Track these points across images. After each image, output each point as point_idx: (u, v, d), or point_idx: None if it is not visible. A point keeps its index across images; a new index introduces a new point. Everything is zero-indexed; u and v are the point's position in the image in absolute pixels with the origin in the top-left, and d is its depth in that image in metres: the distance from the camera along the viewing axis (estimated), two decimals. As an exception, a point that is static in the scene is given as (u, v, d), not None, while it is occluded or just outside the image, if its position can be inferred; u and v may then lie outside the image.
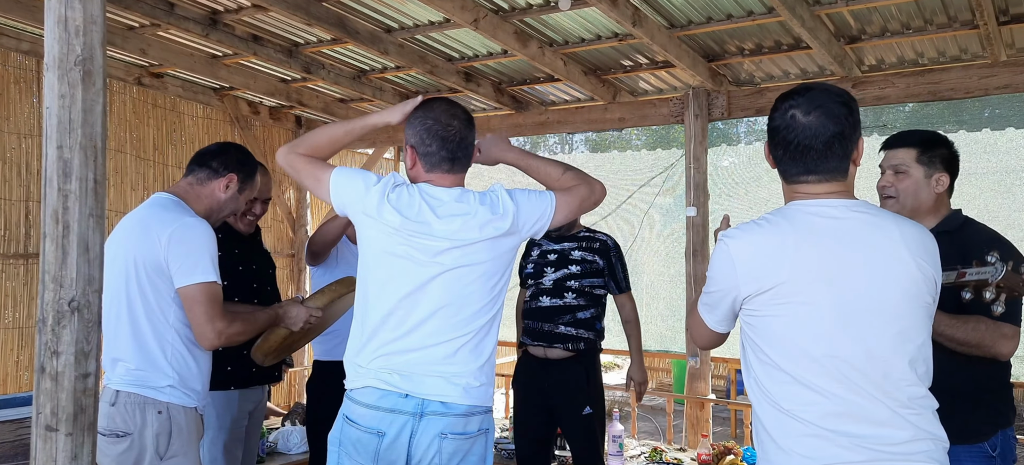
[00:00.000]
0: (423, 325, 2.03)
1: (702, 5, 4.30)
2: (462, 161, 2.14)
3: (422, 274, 2.03)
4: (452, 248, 2.03)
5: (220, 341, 2.26)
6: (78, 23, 1.94)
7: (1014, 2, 4.06)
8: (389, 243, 2.04)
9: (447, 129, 2.09)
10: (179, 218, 2.29)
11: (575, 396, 3.52)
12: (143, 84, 5.79)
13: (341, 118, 6.78)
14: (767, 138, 1.76)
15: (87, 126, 1.95)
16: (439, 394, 2.00)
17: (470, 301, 2.05)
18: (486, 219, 2.07)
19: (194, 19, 4.62)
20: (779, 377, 1.59)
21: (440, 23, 4.67)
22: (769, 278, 1.59)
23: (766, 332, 1.61)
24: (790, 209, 1.68)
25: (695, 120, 5.21)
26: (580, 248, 3.63)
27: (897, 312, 1.58)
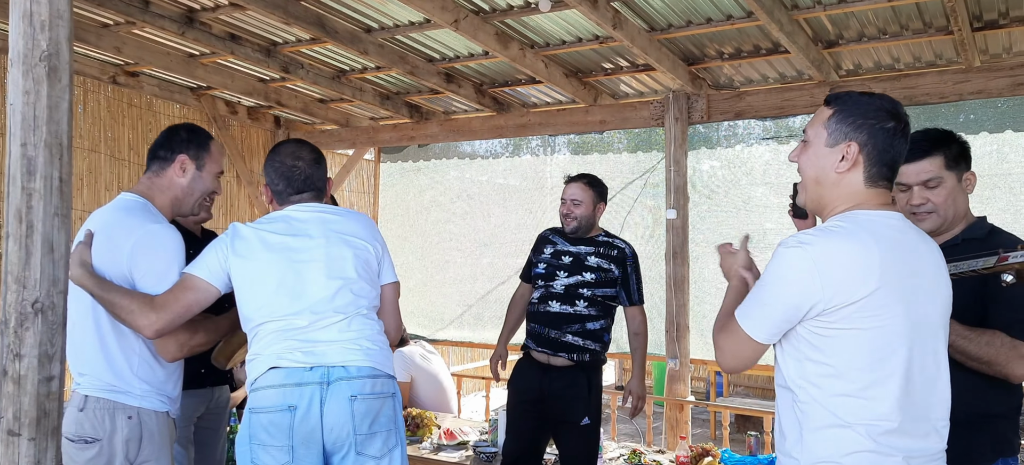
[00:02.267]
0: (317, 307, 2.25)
1: (682, 8, 4.31)
2: (311, 192, 2.41)
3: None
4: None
5: (183, 353, 2.22)
6: (44, 18, 1.89)
7: (987, 8, 4.11)
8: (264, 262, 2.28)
9: (292, 170, 2.38)
10: (142, 225, 2.20)
11: (575, 406, 3.39)
12: (118, 83, 5.71)
13: (320, 118, 6.73)
14: (856, 135, 1.61)
15: (52, 123, 1.91)
16: (342, 360, 2.15)
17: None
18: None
19: (170, 17, 4.56)
20: (843, 389, 1.53)
21: (420, 23, 4.65)
22: (855, 291, 1.51)
23: (838, 346, 1.54)
24: (859, 218, 1.59)
25: (675, 123, 5.23)
26: (597, 254, 3.49)
27: (943, 329, 1.63)
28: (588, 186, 3.56)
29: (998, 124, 4.90)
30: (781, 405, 1.68)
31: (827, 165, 1.64)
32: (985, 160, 5.02)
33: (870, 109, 1.62)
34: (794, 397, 1.61)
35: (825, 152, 1.65)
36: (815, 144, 1.67)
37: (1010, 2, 4.01)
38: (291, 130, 7.13)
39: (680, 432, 4.97)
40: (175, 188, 2.34)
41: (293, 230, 2.31)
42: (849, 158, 1.61)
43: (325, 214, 2.37)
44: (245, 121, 6.80)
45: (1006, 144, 4.88)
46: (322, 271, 2.24)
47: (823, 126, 1.66)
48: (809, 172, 1.69)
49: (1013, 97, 4.66)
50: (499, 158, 7.58)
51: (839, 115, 1.64)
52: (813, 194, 1.70)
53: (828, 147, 1.64)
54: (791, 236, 1.60)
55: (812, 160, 1.67)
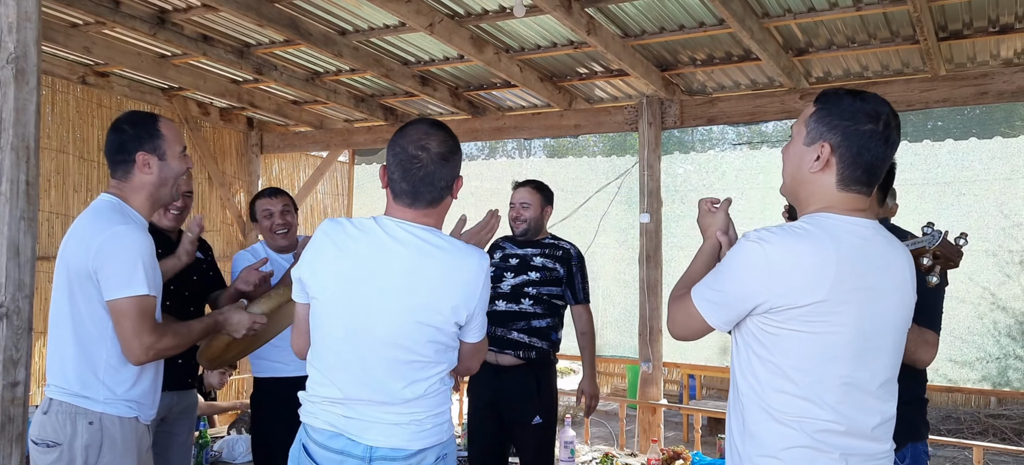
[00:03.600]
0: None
1: (655, 15, 4.36)
2: (425, 197, 1.86)
3: None
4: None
5: (148, 356, 2.15)
6: (11, 20, 1.88)
7: (952, 18, 4.20)
8: None
9: (412, 162, 1.84)
10: (110, 227, 2.13)
11: (525, 405, 3.47)
12: (87, 83, 5.63)
13: (294, 119, 6.69)
14: (830, 136, 1.60)
15: (20, 126, 1.89)
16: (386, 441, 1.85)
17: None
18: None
19: (141, 18, 4.51)
20: (785, 387, 1.55)
21: (395, 27, 4.64)
22: (807, 294, 1.51)
23: (784, 345, 1.55)
24: (826, 222, 1.58)
25: (649, 128, 5.27)
26: (543, 255, 3.58)
27: (900, 336, 1.63)
28: (536, 190, 3.66)
29: (963, 131, 5.01)
30: (730, 398, 1.71)
31: (802, 163, 1.64)
32: (950, 167, 5.13)
33: (850, 110, 1.60)
34: (739, 390, 1.64)
35: (803, 150, 1.65)
36: (796, 141, 1.68)
37: (973, 13, 4.11)
38: (264, 132, 7.08)
39: (652, 435, 5.01)
40: (147, 186, 2.26)
41: (375, 260, 1.83)
42: (822, 158, 1.60)
43: (421, 252, 1.83)
44: (217, 122, 6.73)
45: (970, 151, 5.00)
46: (384, 341, 1.83)
47: (804, 124, 1.66)
48: (788, 168, 1.70)
49: (978, 105, 4.77)
50: (475, 161, 7.59)
51: (819, 114, 1.64)
52: (790, 189, 1.71)
53: (805, 145, 1.64)
54: (754, 231, 1.60)
55: (791, 156, 1.69)
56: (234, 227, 6.95)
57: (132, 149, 2.22)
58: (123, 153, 2.23)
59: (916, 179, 5.14)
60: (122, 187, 2.26)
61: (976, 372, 4.94)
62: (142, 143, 2.23)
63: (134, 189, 2.25)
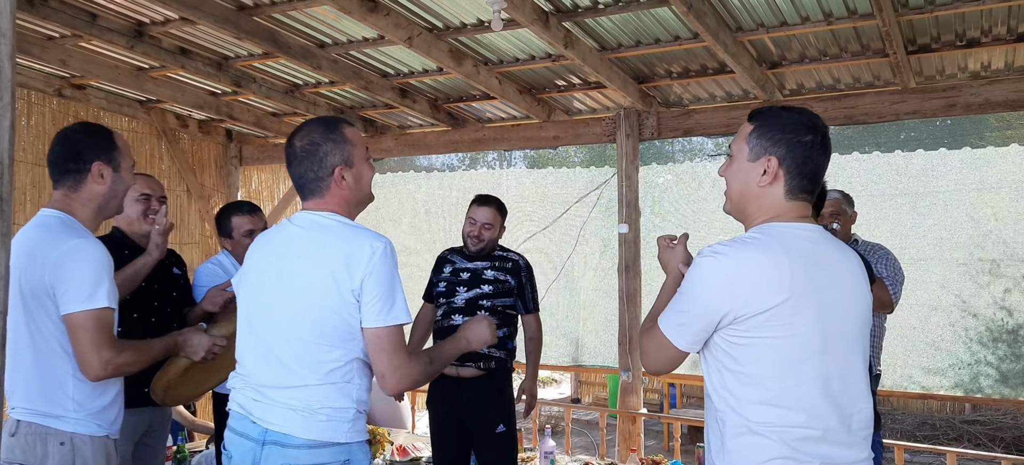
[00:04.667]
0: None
1: (632, 29, 4.41)
2: (307, 188, 2.01)
3: None
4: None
5: (107, 372, 2.08)
6: (-15, 36, 1.87)
7: (920, 33, 4.29)
8: None
9: (288, 157, 2.04)
10: (65, 241, 2.09)
11: (487, 414, 3.53)
12: (64, 96, 5.60)
13: (273, 132, 6.68)
14: (775, 150, 1.67)
15: (-6, 142, 1.89)
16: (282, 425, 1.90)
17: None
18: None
19: (118, 31, 4.49)
20: (757, 397, 1.58)
21: (374, 40, 4.66)
22: (767, 300, 1.55)
23: (751, 354, 1.58)
24: (773, 230, 1.64)
25: (627, 139, 5.33)
26: (493, 268, 3.65)
27: (862, 337, 1.68)
28: (498, 212, 3.75)
29: (934, 142, 5.11)
30: (706, 414, 1.74)
31: (750, 179, 1.70)
32: (921, 177, 5.23)
33: (788, 124, 1.68)
34: (714, 406, 1.67)
35: (747, 166, 1.70)
36: (738, 159, 1.73)
37: (941, 27, 4.20)
38: (243, 144, 7.06)
39: (632, 444, 5.04)
40: (97, 198, 2.22)
41: (279, 247, 2.03)
42: (770, 172, 1.67)
43: (318, 237, 1.95)
44: (196, 135, 6.70)
45: (941, 162, 5.10)
46: (275, 318, 1.97)
47: (745, 141, 1.72)
48: (734, 186, 1.75)
49: (947, 117, 4.87)
50: (456, 171, 7.61)
51: (759, 130, 1.70)
52: (737, 206, 1.76)
53: (750, 161, 1.70)
54: (707, 247, 1.65)
55: (736, 174, 1.74)
56: (213, 239, 6.91)
57: (89, 158, 2.19)
58: (77, 161, 2.18)
59: (888, 190, 5.23)
60: (69, 198, 2.19)
61: (948, 379, 5.03)
62: (99, 153, 2.20)
63: (83, 201, 2.20)
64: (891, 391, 5.22)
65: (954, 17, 4.05)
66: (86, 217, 2.21)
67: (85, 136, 2.22)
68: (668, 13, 4.14)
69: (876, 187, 5.28)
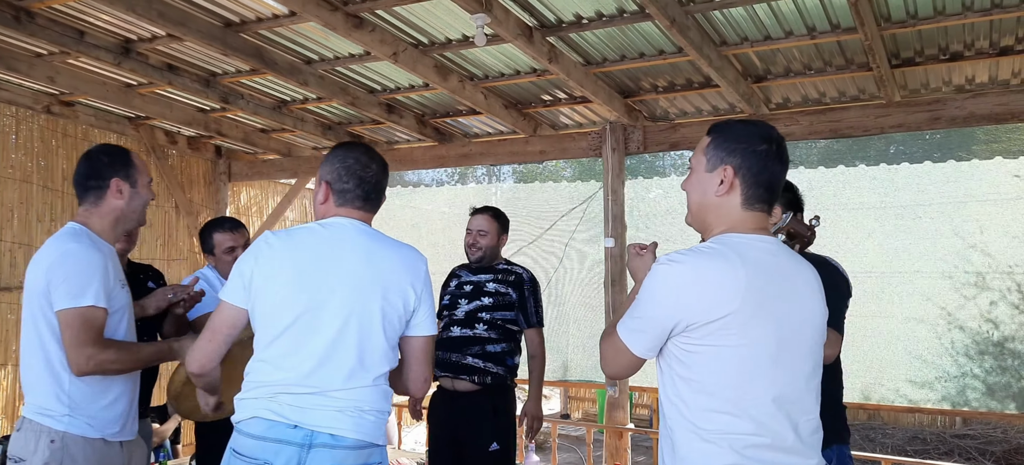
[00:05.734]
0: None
1: (616, 44, 4.44)
2: (372, 206, 2.16)
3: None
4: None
5: (90, 367, 2.20)
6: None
7: (904, 47, 4.32)
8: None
9: (365, 170, 2.12)
10: (64, 245, 2.25)
11: (481, 430, 3.47)
12: (52, 112, 5.59)
13: (262, 147, 6.68)
14: (730, 160, 1.69)
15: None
16: (330, 426, 1.93)
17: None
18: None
19: (105, 48, 4.50)
20: (708, 405, 1.59)
21: (360, 56, 4.68)
22: (718, 308, 1.57)
23: (703, 362, 1.60)
24: (730, 241, 1.66)
25: (612, 153, 5.35)
26: (495, 280, 3.61)
27: (813, 348, 1.69)
28: (493, 218, 3.70)
29: (920, 156, 5.15)
30: (660, 427, 1.76)
31: (708, 189, 1.72)
32: (907, 191, 5.25)
33: (743, 134, 1.71)
34: (666, 416, 1.68)
35: (705, 177, 1.73)
36: (697, 170, 1.76)
37: (924, 41, 4.23)
38: (232, 160, 7.06)
39: (619, 459, 5.02)
40: (115, 212, 2.38)
41: (330, 249, 2.02)
42: (726, 181, 1.69)
43: (378, 246, 2.06)
44: (185, 151, 6.71)
45: (925, 175, 5.12)
46: (337, 321, 1.96)
47: (703, 153, 1.75)
48: (693, 196, 1.78)
49: (931, 130, 4.90)
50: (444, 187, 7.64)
51: (715, 142, 1.73)
52: (697, 217, 1.79)
53: (707, 172, 1.73)
54: (664, 255, 1.68)
55: (695, 185, 1.77)
56: (201, 255, 6.89)
57: (107, 175, 2.35)
58: (97, 179, 2.36)
59: (874, 203, 5.25)
60: (89, 213, 2.36)
61: (936, 392, 5.03)
62: (116, 170, 2.37)
63: (102, 215, 2.36)
64: (879, 405, 5.22)
65: (937, 31, 4.08)
66: (103, 229, 2.38)
67: (104, 155, 2.41)
68: (652, 27, 4.17)
69: (861, 199, 5.30)
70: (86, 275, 2.20)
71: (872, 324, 5.08)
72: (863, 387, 5.02)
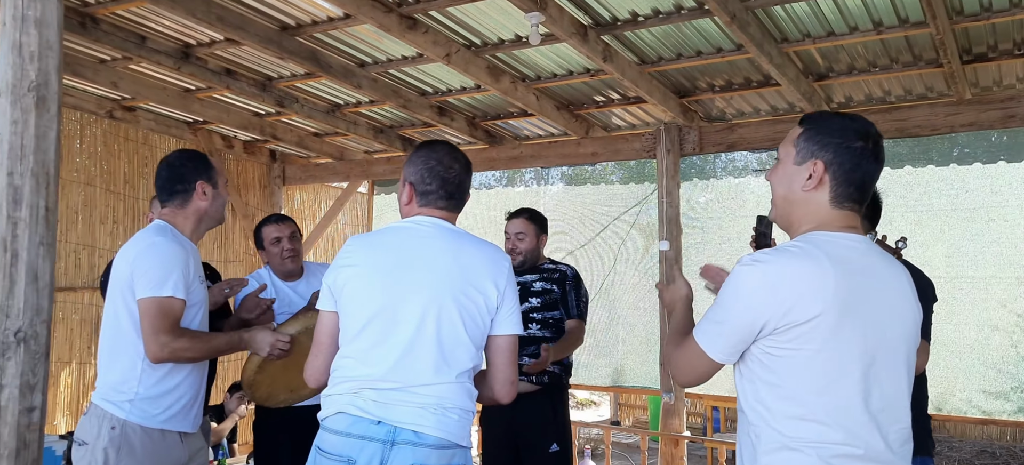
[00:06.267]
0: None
1: (672, 42, 4.35)
2: (455, 205, 2.15)
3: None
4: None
5: (164, 354, 2.26)
6: (33, 49, 1.91)
7: (977, 41, 4.15)
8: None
9: (448, 170, 2.11)
10: (150, 238, 2.35)
11: (542, 432, 3.44)
12: (115, 117, 5.74)
13: (315, 151, 6.75)
14: (822, 154, 1.61)
15: (40, 153, 1.92)
16: (413, 423, 1.90)
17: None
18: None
19: (166, 53, 4.59)
20: (795, 412, 1.52)
21: (413, 58, 4.68)
22: (806, 311, 1.49)
23: (789, 367, 1.52)
24: (818, 240, 1.58)
25: (667, 155, 5.25)
26: (541, 280, 3.59)
27: (907, 354, 1.61)
28: (529, 220, 3.65)
29: (991, 156, 4.92)
30: (740, 429, 1.68)
31: (795, 183, 1.65)
32: (978, 192, 5.04)
33: (838, 129, 1.62)
34: (748, 420, 1.61)
35: (793, 170, 1.65)
36: (784, 162, 1.69)
37: (998, 35, 4.05)
38: (286, 164, 7.16)
39: (676, 467, 4.92)
40: (200, 211, 2.51)
41: (411, 246, 2.02)
42: (815, 176, 1.62)
43: (461, 243, 2.06)
44: (241, 155, 6.82)
45: (999, 176, 4.90)
46: (417, 315, 1.94)
47: (792, 144, 1.67)
48: (778, 190, 1.70)
49: (1005, 129, 4.69)
50: (493, 189, 7.60)
51: (807, 134, 1.65)
52: (782, 212, 1.71)
53: (796, 165, 1.65)
54: (747, 255, 1.60)
55: (781, 178, 1.69)
56: (256, 257, 7.00)
57: (193, 179, 2.49)
58: (183, 183, 2.49)
59: (943, 205, 5.05)
60: (175, 214, 2.49)
61: (1011, 403, 4.80)
62: (201, 174, 2.51)
63: (187, 215, 2.49)
64: (948, 416, 5.01)
65: (1012, 24, 3.91)
66: (187, 228, 2.50)
67: (186, 161, 2.54)
68: (710, 25, 4.08)
69: (929, 201, 5.10)
70: (168, 267, 2.28)
71: (941, 332, 4.87)
72: (934, 397, 4.81)
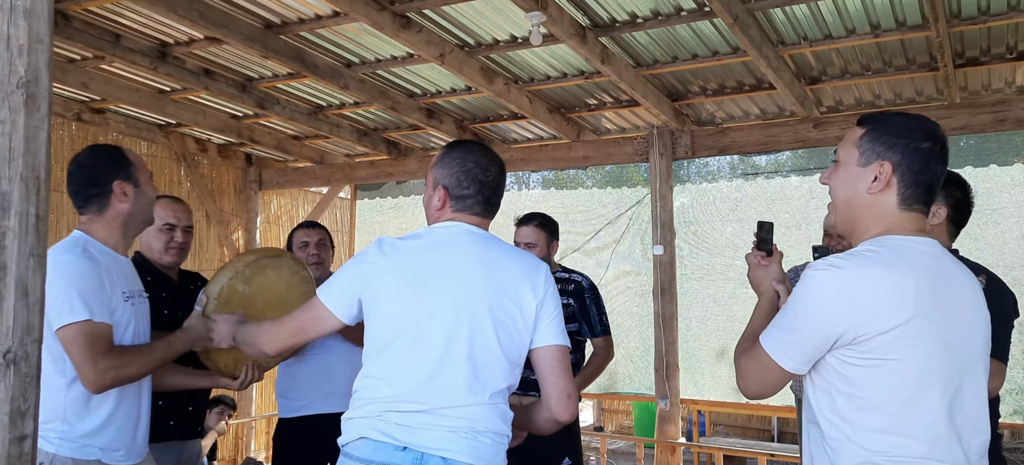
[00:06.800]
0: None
1: (668, 44, 4.28)
2: (493, 207, 1.99)
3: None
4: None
5: (107, 379, 2.03)
6: (22, 42, 1.74)
7: (970, 45, 4.15)
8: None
9: (486, 173, 1.94)
10: (55, 256, 2.04)
11: (556, 445, 3.31)
12: (83, 120, 5.49)
13: (294, 155, 6.56)
14: (889, 155, 1.54)
15: (29, 156, 1.76)
16: (442, 448, 1.76)
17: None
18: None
19: (142, 51, 4.39)
20: (877, 424, 1.45)
21: (403, 58, 4.55)
22: (888, 319, 1.42)
23: (870, 377, 1.45)
24: (892, 244, 1.51)
25: (660, 158, 5.18)
26: None
27: (983, 361, 1.56)
28: (540, 227, 3.50)
29: (983, 159, 4.95)
30: (811, 441, 1.60)
31: (859, 186, 1.57)
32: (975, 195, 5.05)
33: (905, 129, 1.56)
34: (823, 433, 1.53)
35: (857, 172, 1.58)
36: (847, 164, 1.61)
37: (992, 39, 4.06)
38: (263, 168, 6.95)
39: (671, 475, 4.84)
40: (122, 215, 2.22)
41: (443, 256, 1.86)
42: (882, 178, 1.55)
43: (496, 251, 1.89)
44: (215, 159, 6.59)
45: (991, 179, 4.92)
46: (448, 330, 1.79)
47: (855, 145, 1.60)
48: (840, 193, 1.62)
49: (996, 133, 4.71)
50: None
51: (872, 134, 1.58)
52: (844, 216, 1.63)
53: (860, 167, 1.58)
54: (821, 259, 1.53)
55: (843, 180, 1.61)
56: (232, 266, 6.77)
57: (108, 179, 2.19)
58: (98, 185, 2.19)
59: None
60: (93, 222, 2.21)
61: (1007, 406, 4.79)
62: (117, 172, 2.20)
63: (107, 221, 2.21)
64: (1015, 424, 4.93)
65: (1006, 28, 3.91)
66: (108, 236, 2.21)
67: (99, 159, 2.23)
68: (708, 27, 4.02)
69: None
70: (69, 287, 2.03)
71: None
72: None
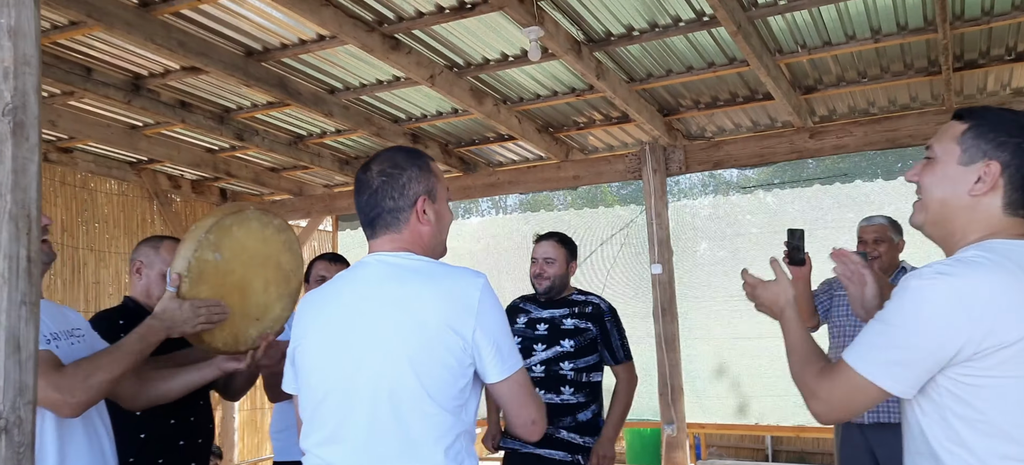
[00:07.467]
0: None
1: (662, 57, 4.19)
2: (380, 222, 1.64)
3: None
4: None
5: (78, 396, 1.79)
6: (8, 64, 1.54)
7: (970, 47, 4.12)
8: None
9: (359, 194, 1.67)
10: None
11: None
12: (49, 160, 5.22)
13: (271, 188, 6.32)
14: (998, 155, 1.40)
15: (19, 191, 1.55)
16: None
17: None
18: None
19: (115, 85, 4.16)
20: (1004, 450, 1.30)
21: (389, 82, 4.39)
22: (1010, 332, 1.27)
23: (991, 397, 1.30)
24: (1002, 249, 1.36)
25: (654, 175, 5.06)
26: (572, 315, 3.20)
27: None
28: (560, 244, 3.31)
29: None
30: None
31: (960, 186, 1.43)
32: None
33: (1015, 126, 1.41)
34: (942, 461, 1.35)
35: (958, 171, 1.43)
36: (944, 162, 1.45)
37: (993, 41, 4.03)
38: (238, 202, 6.69)
39: (682, 501, 4.67)
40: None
41: (355, 303, 1.60)
42: (987, 180, 1.40)
43: (403, 286, 1.57)
44: (189, 195, 6.33)
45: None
46: (370, 390, 1.53)
47: (955, 142, 1.44)
48: (935, 192, 1.47)
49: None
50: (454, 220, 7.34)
51: (976, 130, 1.43)
52: (936, 217, 1.48)
53: (962, 166, 1.43)
54: (924, 267, 1.37)
55: (940, 179, 1.45)
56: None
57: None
58: None
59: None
60: None
61: None
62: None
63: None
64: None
65: (1008, 28, 3.88)
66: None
67: None
68: (706, 37, 3.94)
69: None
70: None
71: None
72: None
